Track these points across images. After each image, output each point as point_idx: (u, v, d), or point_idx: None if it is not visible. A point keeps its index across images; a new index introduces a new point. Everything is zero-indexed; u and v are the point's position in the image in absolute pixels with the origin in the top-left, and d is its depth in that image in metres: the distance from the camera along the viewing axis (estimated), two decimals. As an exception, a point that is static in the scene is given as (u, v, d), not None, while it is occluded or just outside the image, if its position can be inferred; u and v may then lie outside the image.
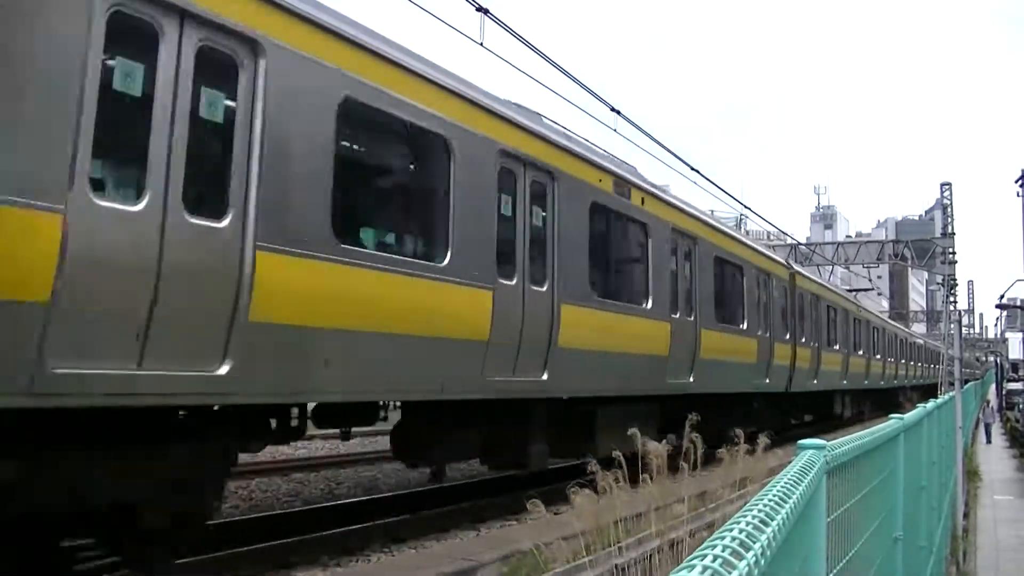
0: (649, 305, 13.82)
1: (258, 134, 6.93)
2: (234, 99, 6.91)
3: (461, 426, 10.60)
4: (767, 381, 20.02)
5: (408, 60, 8.84)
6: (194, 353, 6.44)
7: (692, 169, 20.67)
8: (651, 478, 8.14)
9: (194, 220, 6.41)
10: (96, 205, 5.77)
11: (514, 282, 10.38)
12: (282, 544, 8.95)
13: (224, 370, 6.58)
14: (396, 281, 8.35)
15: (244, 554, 8.50)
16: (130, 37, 6.18)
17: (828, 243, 48.05)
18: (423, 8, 10.72)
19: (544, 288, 10.94)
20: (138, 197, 6.10)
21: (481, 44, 11.53)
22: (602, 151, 13.27)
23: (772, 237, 43.49)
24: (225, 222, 6.66)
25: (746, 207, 28.68)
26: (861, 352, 32.03)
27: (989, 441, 32.07)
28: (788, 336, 21.93)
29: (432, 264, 9.06)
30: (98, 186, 5.99)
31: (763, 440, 10.37)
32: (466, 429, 10.78)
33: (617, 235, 14.06)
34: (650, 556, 7.75)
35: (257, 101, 6.96)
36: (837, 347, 27.99)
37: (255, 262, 6.74)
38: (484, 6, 11.16)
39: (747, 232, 32.13)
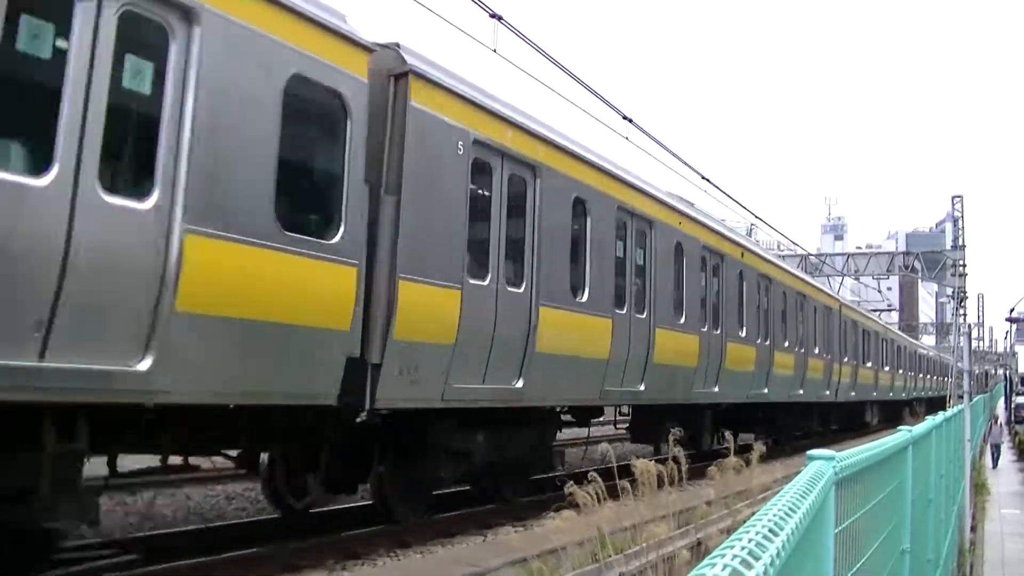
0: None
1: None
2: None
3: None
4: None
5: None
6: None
7: (703, 178, 20.71)
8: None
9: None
10: None
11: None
12: (288, 547, 8.96)
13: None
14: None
15: (250, 556, 8.52)
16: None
17: (838, 254, 47.85)
18: (437, 14, 10.78)
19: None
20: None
21: (494, 51, 11.59)
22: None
23: (782, 247, 43.36)
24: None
25: (756, 217, 28.91)
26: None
27: (995, 465, 27.32)
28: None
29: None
30: None
31: None
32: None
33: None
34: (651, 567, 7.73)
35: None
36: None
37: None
38: (497, 13, 11.20)
39: (757, 242, 31.88)
